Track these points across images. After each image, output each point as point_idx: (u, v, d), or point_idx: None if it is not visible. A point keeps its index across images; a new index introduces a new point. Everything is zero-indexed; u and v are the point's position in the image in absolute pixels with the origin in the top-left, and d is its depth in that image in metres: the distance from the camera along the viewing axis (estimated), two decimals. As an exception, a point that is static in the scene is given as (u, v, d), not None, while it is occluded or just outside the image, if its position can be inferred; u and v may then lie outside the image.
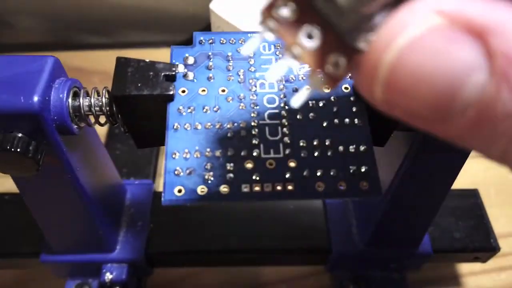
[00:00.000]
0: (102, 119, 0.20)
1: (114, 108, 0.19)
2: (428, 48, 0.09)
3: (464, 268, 0.32)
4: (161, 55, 0.18)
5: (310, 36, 0.10)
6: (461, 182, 0.22)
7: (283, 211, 0.29)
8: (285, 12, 0.10)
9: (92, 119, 0.20)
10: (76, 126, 0.19)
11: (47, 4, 0.46)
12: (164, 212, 0.28)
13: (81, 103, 0.19)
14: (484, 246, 0.28)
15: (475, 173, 0.35)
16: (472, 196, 0.30)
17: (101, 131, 0.29)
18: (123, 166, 0.33)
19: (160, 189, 0.33)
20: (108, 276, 0.26)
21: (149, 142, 0.20)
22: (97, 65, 0.44)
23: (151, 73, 0.18)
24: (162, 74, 0.18)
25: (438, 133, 0.10)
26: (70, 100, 0.19)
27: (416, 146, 0.20)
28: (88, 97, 0.19)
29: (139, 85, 0.17)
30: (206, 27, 0.46)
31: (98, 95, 0.19)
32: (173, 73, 0.18)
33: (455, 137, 0.10)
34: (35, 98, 0.17)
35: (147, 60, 0.18)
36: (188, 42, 0.52)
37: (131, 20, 0.48)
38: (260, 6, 0.10)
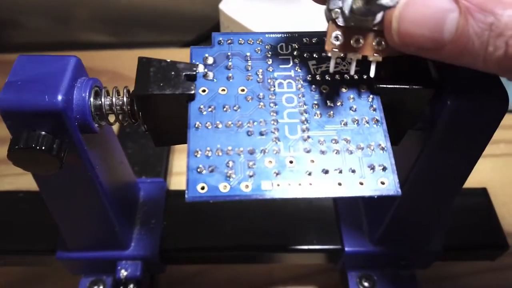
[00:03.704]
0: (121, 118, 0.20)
1: (135, 107, 0.19)
2: (415, 5, 0.14)
3: (473, 266, 0.32)
4: (169, 55, 0.18)
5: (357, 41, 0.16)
6: (469, 181, 0.23)
7: (294, 209, 0.29)
8: (338, 40, 0.16)
9: (111, 118, 0.20)
10: (97, 125, 0.20)
11: (56, 4, 0.46)
12: (177, 210, 0.29)
13: (103, 102, 0.19)
14: (494, 244, 0.28)
15: (482, 172, 0.36)
16: (481, 194, 0.30)
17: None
18: (135, 164, 0.33)
19: (172, 187, 0.33)
20: (123, 273, 0.27)
21: (168, 140, 0.20)
22: (105, 65, 0.45)
23: (173, 73, 0.18)
24: (183, 74, 0.18)
25: (441, 59, 0.15)
26: (92, 99, 0.19)
27: (430, 145, 0.20)
28: (109, 96, 0.20)
29: (161, 84, 0.18)
30: (215, 28, 0.46)
31: (118, 94, 0.20)
32: (194, 73, 0.18)
33: (450, 59, 0.15)
34: (59, 97, 0.18)
35: (168, 60, 0.18)
36: (196, 42, 0.52)
37: (140, 20, 0.48)
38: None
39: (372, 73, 0.17)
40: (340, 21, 0.16)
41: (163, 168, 0.34)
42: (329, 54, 0.17)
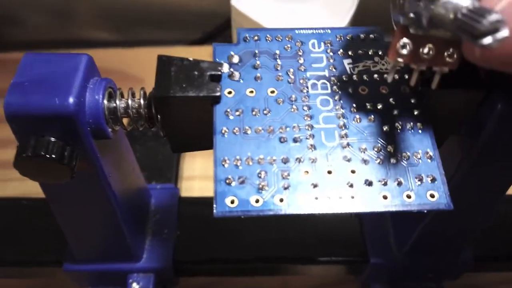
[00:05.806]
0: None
1: (153, 110, 0.17)
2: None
3: (501, 276, 0.31)
4: (176, 53, 0.17)
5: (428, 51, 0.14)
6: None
7: (315, 218, 0.27)
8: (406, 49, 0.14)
9: (126, 122, 0.18)
10: (110, 130, 0.18)
11: (59, 1, 0.45)
12: (191, 218, 0.27)
13: (117, 105, 0.17)
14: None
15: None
16: (511, 202, 0.28)
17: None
18: (143, 169, 0.31)
19: (183, 193, 0.31)
20: (135, 286, 0.25)
21: (188, 147, 0.19)
22: (110, 64, 0.43)
23: (196, 72, 0.16)
24: (208, 74, 0.16)
25: None
26: (105, 101, 0.17)
27: (474, 152, 0.18)
28: (123, 99, 0.18)
29: (183, 85, 0.16)
30: (223, 25, 0.44)
31: (134, 96, 0.18)
32: (219, 72, 0.17)
33: None
34: (71, 100, 0.16)
35: (191, 59, 0.17)
36: (204, 39, 0.50)
37: (145, 17, 0.46)
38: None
39: (434, 85, 0.15)
40: (412, 29, 0.13)
41: (173, 174, 0.32)
42: (390, 63, 0.15)
